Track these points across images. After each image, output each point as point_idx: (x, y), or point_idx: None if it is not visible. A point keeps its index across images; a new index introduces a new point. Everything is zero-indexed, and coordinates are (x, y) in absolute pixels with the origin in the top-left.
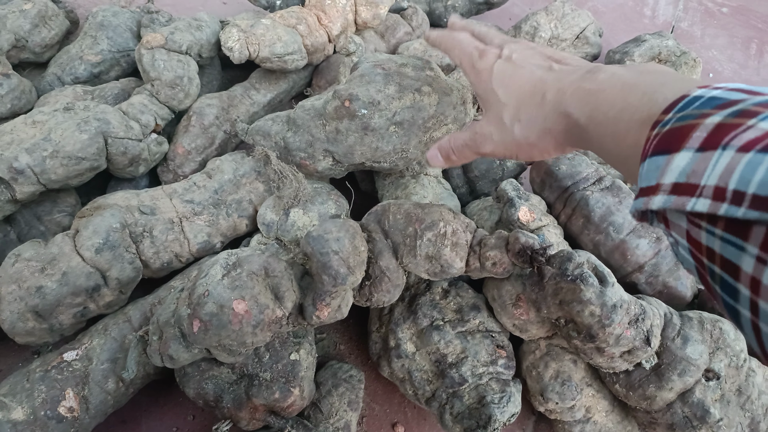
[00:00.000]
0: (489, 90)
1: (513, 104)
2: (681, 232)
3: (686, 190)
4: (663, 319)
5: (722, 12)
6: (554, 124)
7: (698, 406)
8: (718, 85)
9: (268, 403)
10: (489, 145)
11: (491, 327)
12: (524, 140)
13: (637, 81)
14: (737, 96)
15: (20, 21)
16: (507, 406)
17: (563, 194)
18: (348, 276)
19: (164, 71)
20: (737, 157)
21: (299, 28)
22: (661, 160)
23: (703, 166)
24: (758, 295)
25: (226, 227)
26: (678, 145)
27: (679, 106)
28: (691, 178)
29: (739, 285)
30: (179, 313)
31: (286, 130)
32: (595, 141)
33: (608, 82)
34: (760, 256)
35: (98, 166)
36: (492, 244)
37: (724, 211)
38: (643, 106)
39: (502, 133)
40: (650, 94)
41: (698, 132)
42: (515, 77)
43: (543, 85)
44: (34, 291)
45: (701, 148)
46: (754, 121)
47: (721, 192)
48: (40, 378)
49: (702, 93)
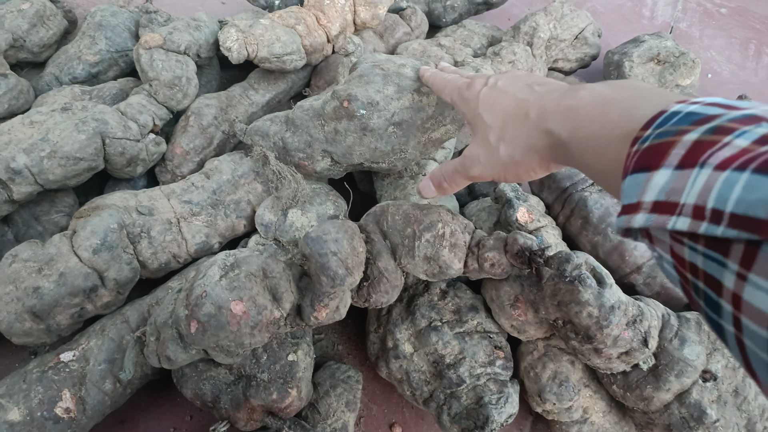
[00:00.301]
0: (476, 115)
1: (498, 125)
2: (665, 248)
3: (666, 209)
4: (661, 320)
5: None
6: (538, 140)
7: (695, 406)
8: (696, 99)
9: (266, 404)
10: (477, 167)
11: (489, 328)
12: (509, 159)
13: (617, 96)
14: (714, 111)
15: (18, 21)
16: (504, 407)
17: (562, 195)
18: (346, 277)
19: (162, 71)
20: (714, 176)
21: (298, 29)
22: (641, 178)
23: (681, 184)
24: (740, 311)
25: (224, 228)
26: (657, 162)
27: (657, 122)
28: (670, 196)
29: (722, 300)
30: (177, 314)
31: (285, 130)
32: (577, 157)
33: (588, 99)
34: (740, 273)
35: (96, 166)
36: (490, 245)
37: (704, 229)
38: (622, 121)
39: (489, 154)
40: (629, 110)
41: (676, 149)
42: (499, 100)
43: (525, 104)
44: (32, 291)
45: (680, 165)
46: (730, 138)
47: (700, 210)
48: (37, 379)
49: (680, 108)
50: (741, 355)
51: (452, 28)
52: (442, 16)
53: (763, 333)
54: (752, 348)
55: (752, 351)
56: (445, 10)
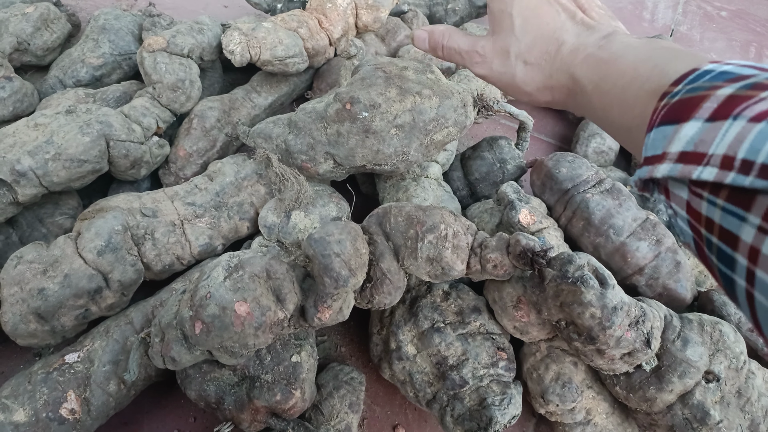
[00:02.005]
0: (506, 12)
1: (526, 42)
2: (681, 204)
3: (693, 159)
4: (663, 321)
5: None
6: (558, 81)
7: (698, 407)
8: (730, 61)
9: (270, 405)
10: (484, 68)
11: (492, 329)
12: (522, 83)
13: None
14: (749, 71)
15: (22, 24)
16: (508, 408)
17: (563, 197)
18: (349, 278)
19: (166, 74)
20: (748, 127)
21: (300, 32)
22: (668, 130)
23: (712, 136)
24: (756, 264)
25: (228, 230)
26: (687, 115)
27: (689, 78)
28: (699, 146)
29: (737, 255)
30: (181, 315)
31: (288, 132)
32: (598, 109)
33: (620, 53)
34: (761, 226)
35: (100, 168)
36: (493, 246)
37: (731, 179)
38: (653, 77)
39: (504, 66)
40: (661, 66)
41: (708, 103)
42: (538, 11)
43: (563, 33)
44: (36, 293)
45: (711, 118)
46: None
47: (729, 161)
48: (42, 380)
49: (713, 67)
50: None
51: None
52: (444, 19)
53: None
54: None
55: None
56: (446, 13)
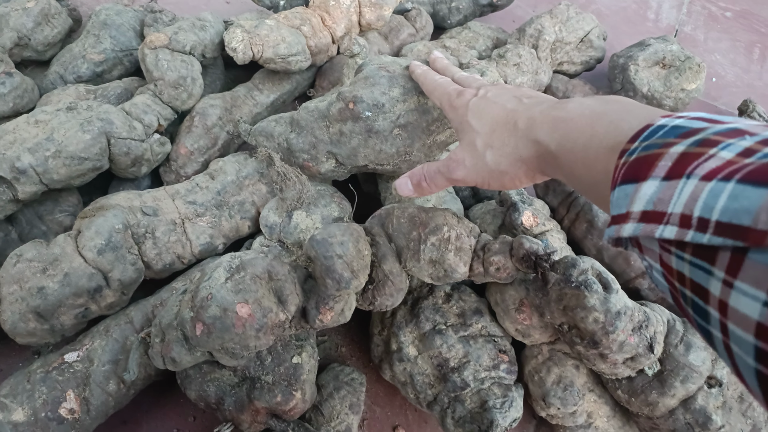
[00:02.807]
0: (464, 122)
1: (486, 132)
2: (654, 257)
3: (654, 218)
4: (666, 325)
5: (726, 16)
6: (525, 150)
7: (700, 412)
8: (681, 114)
9: (270, 406)
10: (461, 171)
11: (494, 331)
12: (495, 166)
13: (604, 109)
14: (699, 125)
15: (23, 19)
16: (509, 411)
17: (567, 199)
18: (352, 280)
19: (168, 71)
20: (700, 186)
21: (303, 29)
22: (629, 189)
23: (669, 194)
24: (726, 317)
25: (229, 229)
26: (645, 173)
27: (644, 135)
28: (658, 206)
29: (709, 307)
30: (182, 316)
31: (290, 131)
32: (565, 168)
33: (576, 111)
34: (726, 280)
35: (101, 166)
36: (496, 249)
37: (691, 237)
38: (609, 133)
39: (475, 159)
40: (616, 123)
41: (663, 161)
42: (489, 109)
43: (515, 114)
44: (36, 291)
45: (667, 176)
46: (715, 150)
47: (687, 219)
48: (41, 379)
49: (665, 122)
50: (729, 360)
51: (457, 29)
52: (447, 17)
53: (749, 338)
54: (739, 353)
55: (739, 356)
56: (450, 12)
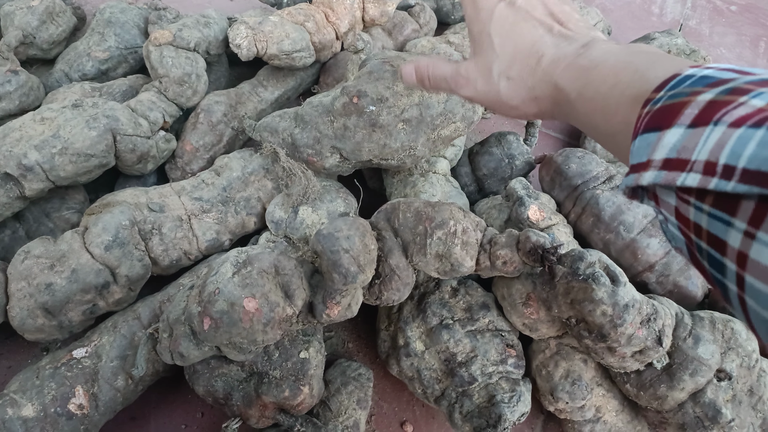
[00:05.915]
0: (485, 33)
1: (506, 58)
2: (670, 210)
3: (677, 166)
4: (674, 318)
5: (731, 10)
6: (542, 92)
7: (710, 406)
8: (710, 65)
9: (278, 401)
10: (469, 90)
11: (501, 326)
12: (507, 98)
13: (630, 59)
14: (729, 75)
15: (28, 17)
16: (517, 406)
17: (573, 193)
18: (358, 274)
19: (172, 68)
20: (728, 133)
21: (307, 26)
22: (652, 137)
23: (694, 142)
24: (745, 269)
25: (235, 225)
26: (669, 121)
27: (670, 84)
28: (681, 153)
29: (726, 260)
30: (190, 311)
31: (294, 126)
32: (582, 116)
33: (601, 59)
34: (747, 231)
35: (107, 163)
36: (503, 242)
37: (714, 185)
38: (634, 83)
39: (487, 84)
40: (642, 72)
41: (690, 109)
42: (515, 28)
43: (541, 46)
44: (44, 288)
45: (692, 124)
46: (746, 98)
47: (711, 166)
48: (50, 375)
49: (694, 72)
50: (743, 313)
51: (461, 25)
52: (451, 13)
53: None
54: (754, 307)
55: (753, 309)
56: (453, 7)
